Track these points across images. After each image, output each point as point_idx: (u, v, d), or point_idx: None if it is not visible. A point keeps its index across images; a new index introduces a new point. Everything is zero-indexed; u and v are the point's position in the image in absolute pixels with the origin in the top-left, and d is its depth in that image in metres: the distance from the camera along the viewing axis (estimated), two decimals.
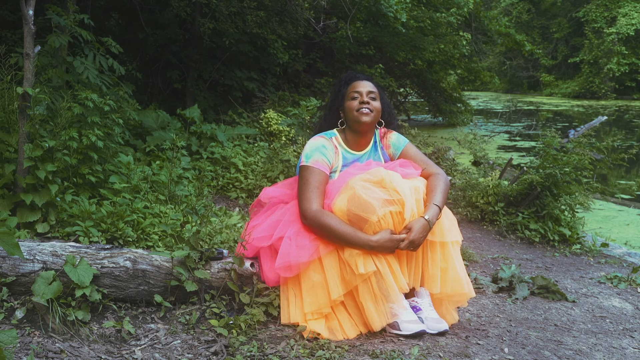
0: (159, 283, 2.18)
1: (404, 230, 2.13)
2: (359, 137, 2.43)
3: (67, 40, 3.53)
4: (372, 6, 7.12)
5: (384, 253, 2.12)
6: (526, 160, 6.85)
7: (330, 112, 2.52)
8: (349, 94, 2.42)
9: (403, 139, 2.50)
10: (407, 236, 2.11)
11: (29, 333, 1.87)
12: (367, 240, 2.10)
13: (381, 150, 2.49)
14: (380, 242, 2.10)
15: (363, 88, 2.40)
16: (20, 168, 2.72)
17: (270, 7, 7.10)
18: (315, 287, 2.12)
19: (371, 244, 2.10)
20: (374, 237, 2.10)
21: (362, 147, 2.45)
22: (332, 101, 2.51)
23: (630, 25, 27.92)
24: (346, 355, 1.93)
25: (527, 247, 4.11)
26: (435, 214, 2.17)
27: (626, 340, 2.38)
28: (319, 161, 2.30)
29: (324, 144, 2.36)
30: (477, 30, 12.30)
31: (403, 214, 2.14)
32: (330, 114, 2.52)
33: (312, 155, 2.32)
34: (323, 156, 2.32)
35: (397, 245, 2.12)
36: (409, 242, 2.10)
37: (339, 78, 2.57)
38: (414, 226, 2.12)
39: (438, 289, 2.19)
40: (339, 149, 2.40)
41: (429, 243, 2.20)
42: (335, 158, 2.38)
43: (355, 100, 2.39)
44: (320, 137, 2.40)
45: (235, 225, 3.21)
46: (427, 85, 12.39)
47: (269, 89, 7.67)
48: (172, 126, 4.99)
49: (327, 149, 2.35)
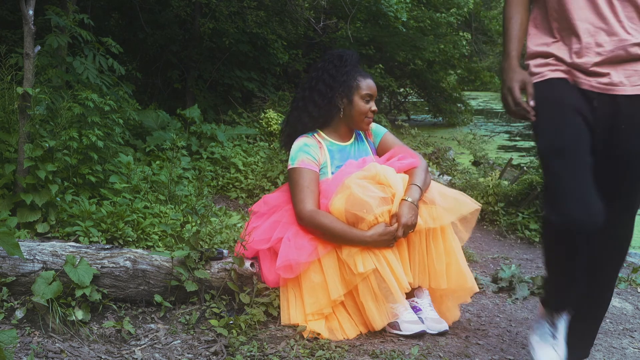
0: (159, 283, 2.18)
1: (393, 219, 2.13)
2: (349, 130, 2.44)
3: (66, 40, 3.53)
4: (372, 6, 7.12)
5: (382, 247, 2.11)
6: (526, 160, 6.85)
7: (324, 98, 2.36)
8: (361, 91, 2.35)
9: (382, 128, 2.54)
10: (398, 223, 2.11)
11: (29, 333, 1.87)
12: (361, 235, 2.10)
13: (366, 140, 2.50)
14: (375, 237, 2.09)
15: (374, 92, 2.39)
16: (20, 168, 2.72)
17: (270, 7, 7.10)
18: (315, 288, 2.12)
19: (366, 239, 2.09)
20: (368, 233, 2.10)
21: (348, 138, 2.45)
22: (332, 83, 2.36)
23: None
24: (346, 355, 1.93)
25: (527, 247, 4.11)
26: (417, 193, 2.17)
27: (626, 340, 2.38)
28: (305, 160, 2.29)
29: (306, 143, 2.34)
30: (477, 30, 12.32)
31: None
32: (324, 99, 2.36)
33: (297, 157, 2.30)
34: (307, 155, 2.30)
35: (393, 237, 2.11)
36: (403, 226, 2.10)
37: (344, 57, 2.39)
38: (401, 210, 2.12)
39: (445, 284, 2.19)
40: (322, 143, 2.38)
41: (430, 233, 2.19)
42: (321, 153, 2.35)
43: (367, 104, 2.37)
44: (302, 137, 2.37)
45: (235, 225, 3.21)
46: (427, 85, 12.39)
47: (269, 89, 7.66)
48: (172, 126, 4.99)
49: (310, 147, 2.33)
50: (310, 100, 2.39)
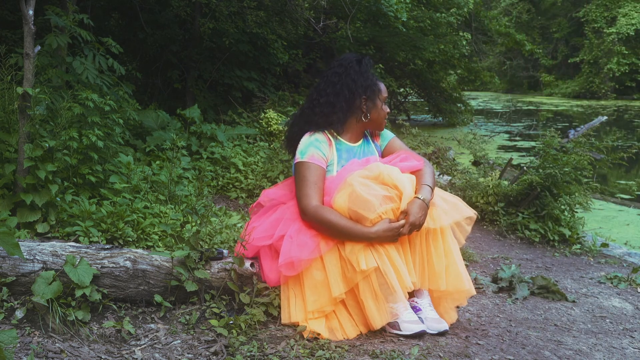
0: (159, 283, 2.18)
1: (401, 215, 2.14)
2: (362, 132, 2.47)
3: (66, 40, 3.53)
4: (372, 6, 7.11)
5: (386, 243, 2.12)
6: (526, 160, 6.85)
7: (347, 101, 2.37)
8: (382, 95, 2.43)
9: (390, 133, 2.58)
10: (406, 220, 2.12)
11: (29, 333, 1.87)
12: (366, 232, 2.11)
13: (373, 143, 2.52)
14: (379, 233, 2.10)
15: (386, 96, 2.48)
16: (20, 168, 2.72)
17: (270, 7, 7.10)
18: (317, 285, 2.12)
19: (370, 235, 2.10)
20: (373, 229, 2.11)
21: (358, 139, 2.47)
22: (356, 87, 2.38)
23: (630, 25, 27.92)
24: (346, 355, 1.93)
25: (527, 247, 4.11)
26: (428, 193, 2.19)
27: (626, 340, 2.38)
28: (314, 156, 2.29)
29: (317, 138, 2.34)
30: (477, 30, 12.32)
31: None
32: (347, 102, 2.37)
33: (307, 151, 2.30)
34: (318, 150, 2.31)
35: (397, 233, 2.12)
36: (410, 224, 2.11)
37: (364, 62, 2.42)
38: (411, 208, 2.13)
39: (444, 285, 2.19)
40: (332, 141, 2.39)
41: (430, 233, 2.20)
42: (330, 151, 2.36)
43: (384, 106, 2.44)
44: (313, 132, 2.37)
45: (235, 225, 3.21)
46: (427, 85, 12.39)
47: (269, 89, 7.66)
48: (172, 126, 4.99)
49: (320, 143, 2.33)
50: (328, 104, 2.39)
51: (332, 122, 2.39)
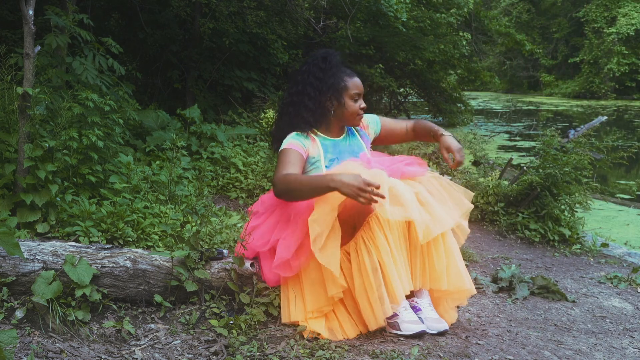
0: (159, 283, 2.18)
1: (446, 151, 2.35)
2: (341, 127, 2.46)
3: (66, 40, 3.53)
4: (372, 6, 7.10)
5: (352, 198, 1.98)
6: (526, 160, 6.85)
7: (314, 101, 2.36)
8: (350, 91, 2.37)
9: (373, 116, 2.59)
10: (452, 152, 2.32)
11: (29, 333, 1.87)
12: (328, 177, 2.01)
13: (358, 133, 2.51)
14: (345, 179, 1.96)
15: (362, 89, 2.41)
16: (20, 168, 2.72)
17: (270, 7, 7.10)
18: (315, 284, 2.13)
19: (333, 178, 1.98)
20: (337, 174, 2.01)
21: (340, 134, 2.46)
22: (321, 85, 2.36)
23: (630, 25, 27.92)
24: (346, 355, 1.93)
25: (527, 247, 4.11)
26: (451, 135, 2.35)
27: (626, 340, 2.38)
28: (293, 143, 2.30)
29: (298, 133, 2.35)
30: (477, 30, 12.31)
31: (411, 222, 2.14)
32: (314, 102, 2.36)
33: (287, 142, 2.32)
34: (297, 140, 2.32)
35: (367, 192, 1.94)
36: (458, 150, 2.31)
37: (328, 59, 2.39)
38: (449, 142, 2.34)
39: (445, 285, 2.18)
40: (316, 138, 2.38)
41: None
42: (313, 145, 2.35)
43: (357, 103, 2.39)
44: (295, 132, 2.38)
45: (235, 225, 3.21)
46: (427, 85, 12.38)
47: (269, 89, 7.66)
48: (172, 126, 4.98)
49: (300, 136, 2.34)
50: (300, 104, 2.38)
51: (307, 121, 2.37)
